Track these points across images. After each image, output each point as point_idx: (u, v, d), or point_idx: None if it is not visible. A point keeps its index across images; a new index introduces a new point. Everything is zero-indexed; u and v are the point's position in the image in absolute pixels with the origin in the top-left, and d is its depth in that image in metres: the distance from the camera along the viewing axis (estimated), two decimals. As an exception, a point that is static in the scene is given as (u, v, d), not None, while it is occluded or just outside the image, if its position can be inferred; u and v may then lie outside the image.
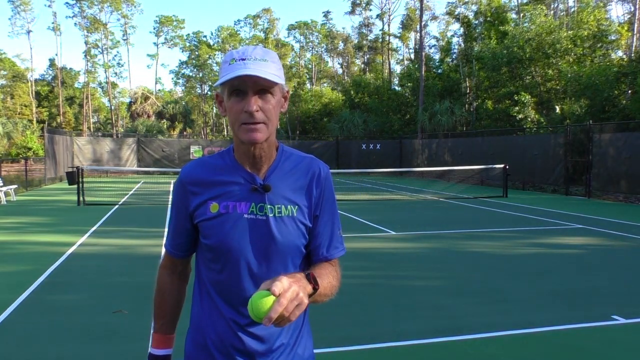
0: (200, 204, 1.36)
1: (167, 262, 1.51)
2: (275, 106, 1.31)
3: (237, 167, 1.37)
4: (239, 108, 1.27)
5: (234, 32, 58.22)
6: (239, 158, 1.37)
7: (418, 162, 28.71)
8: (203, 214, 1.35)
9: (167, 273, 1.51)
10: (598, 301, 5.22)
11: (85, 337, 4.18)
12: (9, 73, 57.49)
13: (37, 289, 5.55)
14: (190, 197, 1.37)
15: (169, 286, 1.50)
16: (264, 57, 1.26)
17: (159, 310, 1.50)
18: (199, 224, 1.37)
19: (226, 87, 1.28)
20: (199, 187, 1.36)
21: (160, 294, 1.50)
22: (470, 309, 4.93)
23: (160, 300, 1.50)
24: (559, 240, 8.84)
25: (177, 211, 1.41)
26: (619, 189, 16.09)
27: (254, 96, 1.26)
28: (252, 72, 1.22)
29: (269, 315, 1.06)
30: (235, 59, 1.26)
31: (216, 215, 1.34)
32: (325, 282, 1.29)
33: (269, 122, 1.29)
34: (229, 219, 1.33)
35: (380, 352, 3.91)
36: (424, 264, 7.02)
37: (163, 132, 42.73)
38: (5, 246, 8.13)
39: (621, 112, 20.49)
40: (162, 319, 1.50)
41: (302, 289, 1.12)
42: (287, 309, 1.07)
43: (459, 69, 34.96)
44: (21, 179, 20.53)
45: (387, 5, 55.46)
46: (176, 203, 1.42)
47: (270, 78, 1.24)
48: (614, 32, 26.14)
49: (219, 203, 1.34)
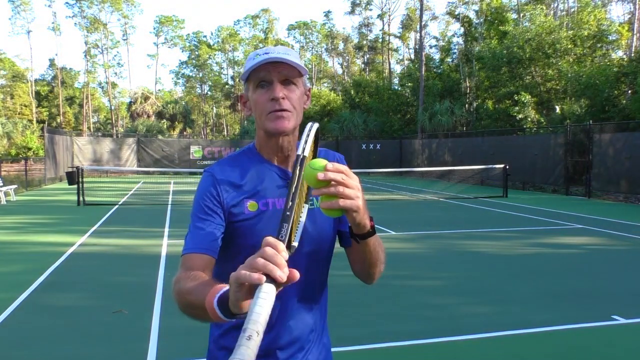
0: (236, 204, 1.31)
1: (199, 264, 1.24)
2: (300, 97, 1.32)
3: (266, 163, 1.36)
4: (266, 98, 1.28)
5: (233, 32, 58.24)
6: (265, 154, 1.36)
7: (418, 162, 28.70)
8: (241, 213, 1.31)
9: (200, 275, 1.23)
10: (598, 301, 5.22)
11: (85, 337, 4.18)
12: (9, 73, 57.49)
13: (37, 289, 5.55)
14: (224, 195, 1.31)
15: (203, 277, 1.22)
16: (286, 51, 1.29)
17: (195, 291, 1.12)
18: (234, 225, 1.31)
19: (251, 82, 1.30)
20: (233, 186, 1.32)
21: (189, 285, 1.16)
22: (470, 309, 4.93)
23: (193, 288, 1.14)
24: (559, 240, 8.84)
25: (211, 210, 1.30)
26: (619, 189, 16.08)
27: (280, 85, 1.28)
28: (277, 56, 1.24)
29: (326, 166, 1.00)
30: (259, 54, 1.28)
31: (257, 214, 1.31)
32: (379, 241, 1.28)
33: (295, 112, 1.31)
34: (270, 215, 1.31)
35: (380, 352, 3.91)
36: (424, 264, 7.01)
37: (163, 132, 42.71)
38: (5, 246, 8.13)
39: (621, 112, 20.48)
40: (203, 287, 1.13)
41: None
42: (341, 178, 1.01)
43: (459, 69, 34.96)
44: (21, 179, 20.53)
45: (387, 5, 55.52)
46: (207, 202, 1.31)
47: (295, 61, 1.26)
48: (614, 32, 26.14)
49: (257, 201, 1.32)
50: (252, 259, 0.90)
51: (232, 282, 0.90)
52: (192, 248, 1.27)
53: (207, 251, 1.27)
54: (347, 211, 1.06)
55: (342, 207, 1.02)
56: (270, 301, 0.85)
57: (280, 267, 0.88)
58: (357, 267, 1.35)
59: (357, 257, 1.31)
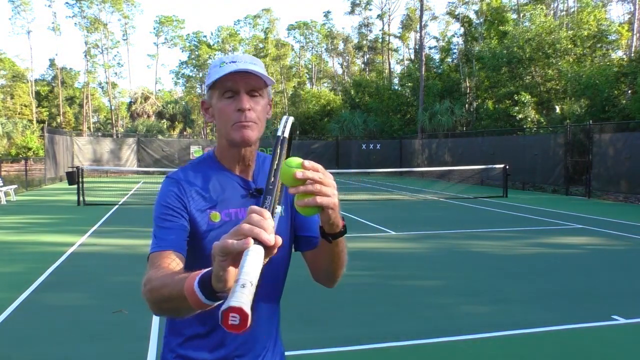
0: (199, 213, 1.29)
1: (169, 262, 1.20)
2: (263, 108, 1.32)
3: (227, 172, 1.35)
4: (232, 108, 1.27)
5: (233, 32, 58.22)
6: (226, 163, 1.35)
7: (418, 162, 28.70)
8: (203, 223, 1.29)
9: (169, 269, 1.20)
10: (598, 301, 5.22)
11: (85, 337, 4.18)
12: (9, 73, 57.48)
13: (37, 289, 5.55)
14: (190, 202, 1.29)
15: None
16: (252, 61, 1.28)
17: (171, 283, 1.08)
18: (196, 235, 1.28)
19: (216, 90, 1.29)
20: (197, 194, 1.30)
21: (162, 279, 1.12)
22: (470, 309, 4.93)
23: (165, 278, 1.11)
24: (559, 240, 8.84)
25: (177, 213, 1.27)
26: (619, 189, 16.08)
27: (246, 96, 1.27)
28: (246, 67, 1.24)
29: (303, 164, 1.00)
30: (226, 62, 1.27)
31: (220, 224, 1.29)
32: (345, 242, 1.27)
33: (259, 123, 1.31)
34: (233, 226, 1.28)
35: (380, 352, 3.91)
36: (424, 264, 7.01)
37: (163, 132, 42.71)
38: (5, 246, 8.13)
39: (621, 112, 20.48)
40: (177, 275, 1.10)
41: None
42: (319, 177, 1.01)
43: (459, 69, 34.96)
44: (21, 179, 20.54)
45: (387, 5, 55.51)
46: (173, 205, 1.28)
47: (262, 72, 1.26)
48: (614, 32, 26.14)
49: (219, 211, 1.30)
50: (237, 227, 0.90)
51: (217, 253, 0.89)
52: (160, 246, 1.24)
53: (177, 248, 1.24)
54: (323, 209, 1.06)
55: (319, 205, 1.02)
56: (260, 258, 0.86)
57: (267, 230, 0.89)
58: (322, 269, 1.33)
59: (324, 259, 1.29)
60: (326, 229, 1.16)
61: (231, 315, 0.77)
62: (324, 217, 1.11)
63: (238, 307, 0.77)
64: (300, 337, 4.15)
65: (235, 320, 0.77)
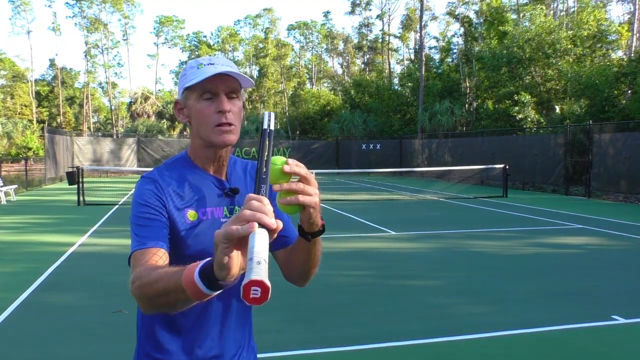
0: (177, 212, 1.29)
1: (156, 258, 1.19)
2: (240, 110, 1.33)
3: (201, 172, 1.35)
4: (211, 109, 1.27)
5: (234, 32, 58.23)
6: (200, 163, 1.36)
7: (418, 162, 28.70)
8: (181, 222, 1.29)
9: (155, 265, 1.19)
10: (598, 301, 5.22)
11: (85, 337, 4.18)
12: (9, 73, 57.49)
13: (37, 289, 5.55)
14: (168, 201, 1.29)
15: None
16: (229, 63, 1.29)
17: (165, 277, 1.07)
18: (174, 234, 1.28)
19: (194, 91, 1.29)
20: (174, 193, 1.30)
21: (153, 274, 1.10)
22: (470, 309, 4.93)
23: (157, 275, 1.09)
24: (559, 240, 8.84)
25: (156, 211, 1.26)
26: (618, 189, 16.08)
27: (225, 97, 1.28)
28: (225, 69, 1.25)
29: (288, 161, 1.03)
30: (203, 64, 1.28)
31: (197, 223, 1.30)
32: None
33: (237, 125, 1.32)
34: (209, 225, 1.30)
35: (380, 352, 3.91)
36: (424, 264, 7.01)
37: (163, 132, 42.71)
38: (5, 246, 8.13)
39: (621, 112, 20.48)
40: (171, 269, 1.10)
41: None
42: (304, 172, 1.05)
43: (459, 69, 34.95)
44: (21, 179, 20.53)
45: (387, 6, 55.55)
46: (152, 203, 1.26)
47: (241, 74, 1.27)
48: (614, 32, 26.14)
49: (196, 210, 1.31)
50: (237, 214, 0.92)
51: (220, 240, 0.90)
52: (143, 243, 1.21)
53: (160, 245, 1.22)
54: (305, 207, 1.08)
55: (302, 203, 1.05)
56: (266, 239, 0.88)
57: (268, 215, 0.91)
58: (297, 268, 1.32)
59: (300, 258, 1.28)
60: (305, 227, 1.17)
61: (253, 288, 0.80)
62: (304, 216, 1.13)
63: (259, 280, 0.80)
64: (300, 337, 4.15)
65: (257, 293, 0.81)
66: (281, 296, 5.32)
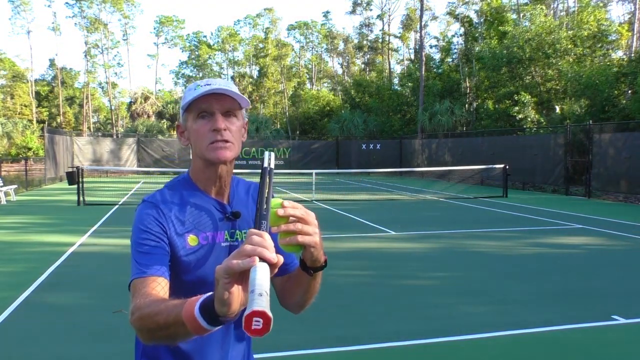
0: (177, 237, 1.28)
1: (156, 288, 1.18)
2: (239, 129, 1.33)
3: (203, 195, 1.34)
4: (207, 128, 1.28)
5: (233, 32, 58.21)
6: (202, 185, 1.34)
7: (418, 162, 28.70)
8: (182, 247, 1.27)
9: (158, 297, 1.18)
10: (598, 301, 5.22)
11: (85, 337, 4.18)
12: (9, 73, 57.47)
13: (37, 289, 5.55)
14: (169, 226, 1.27)
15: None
16: (227, 84, 1.29)
17: (165, 310, 1.06)
18: (174, 259, 1.27)
19: (192, 112, 1.30)
20: (176, 218, 1.29)
21: (153, 307, 1.09)
22: (470, 309, 4.93)
23: (158, 307, 1.09)
24: (559, 240, 8.84)
25: (157, 238, 1.25)
26: (619, 189, 16.08)
27: (221, 116, 1.28)
28: (220, 87, 1.26)
29: (283, 203, 1.05)
30: (201, 85, 1.28)
31: (198, 248, 1.29)
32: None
33: (235, 143, 1.31)
34: (211, 250, 1.30)
35: (379, 352, 3.91)
36: (424, 264, 7.01)
37: (163, 132, 42.64)
38: (5, 246, 8.13)
39: (621, 112, 20.48)
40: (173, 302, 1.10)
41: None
42: (300, 214, 1.06)
43: (459, 69, 34.95)
44: (21, 179, 20.53)
45: (387, 5, 55.54)
46: (153, 230, 1.25)
47: (236, 92, 1.28)
48: (614, 32, 26.14)
49: (197, 235, 1.29)
50: (239, 249, 0.93)
51: (221, 275, 0.91)
52: (144, 272, 1.20)
53: (161, 273, 1.20)
54: (305, 247, 1.10)
55: (301, 243, 1.07)
56: (268, 273, 0.90)
57: (269, 249, 0.92)
58: (295, 297, 1.33)
59: (298, 289, 1.29)
60: (308, 263, 1.18)
61: (255, 319, 0.81)
62: (307, 254, 1.15)
63: (261, 311, 0.81)
64: (299, 337, 4.15)
65: (258, 325, 0.81)
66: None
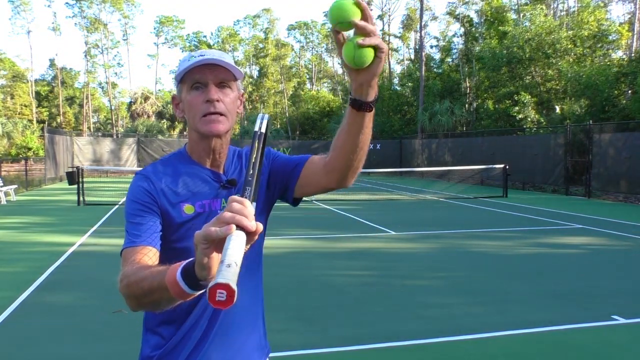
0: (171, 207, 1.29)
1: (145, 257, 1.21)
2: (233, 100, 1.32)
3: (198, 165, 1.35)
4: (200, 99, 1.28)
5: (233, 32, 58.21)
6: (197, 157, 1.35)
7: (418, 162, 28.70)
8: (177, 216, 1.29)
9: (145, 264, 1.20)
10: (598, 301, 5.22)
11: (85, 337, 4.18)
12: (9, 73, 57.46)
13: (37, 289, 5.55)
14: (161, 197, 1.29)
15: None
16: (221, 55, 1.29)
17: (150, 276, 1.08)
18: (171, 228, 1.29)
19: (186, 83, 1.30)
20: (168, 189, 1.31)
21: (140, 273, 1.12)
22: (470, 309, 4.93)
23: (143, 273, 1.11)
24: (559, 240, 8.84)
25: (148, 208, 1.27)
26: (619, 189, 16.08)
27: (215, 87, 1.28)
28: (213, 57, 1.25)
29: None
30: (194, 56, 1.28)
31: (194, 216, 1.30)
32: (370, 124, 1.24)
33: (229, 115, 1.31)
34: (207, 218, 1.30)
35: (379, 352, 3.91)
36: (424, 264, 7.01)
37: (163, 132, 42.71)
38: (5, 246, 8.13)
39: (621, 112, 20.48)
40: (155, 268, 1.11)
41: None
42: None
43: (459, 68, 34.95)
44: (21, 179, 20.54)
45: (388, 6, 55.53)
46: (144, 201, 1.28)
47: (229, 62, 1.27)
48: (614, 32, 26.13)
49: (192, 204, 1.31)
50: (218, 215, 0.92)
51: (199, 241, 0.91)
52: (133, 242, 1.23)
53: (150, 243, 1.23)
54: (378, 53, 1.07)
55: (378, 44, 1.06)
56: (243, 242, 0.89)
57: (248, 217, 0.91)
58: (346, 147, 1.24)
59: (349, 135, 1.21)
60: (363, 92, 1.13)
61: (218, 291, 0.80)
62: (371, 70, 1.10)
63: (225, 284, 0.80)
64: (299, 337, 4.15)
65: (222, 297, 0.80)
66: (281, 296, 5.33)
